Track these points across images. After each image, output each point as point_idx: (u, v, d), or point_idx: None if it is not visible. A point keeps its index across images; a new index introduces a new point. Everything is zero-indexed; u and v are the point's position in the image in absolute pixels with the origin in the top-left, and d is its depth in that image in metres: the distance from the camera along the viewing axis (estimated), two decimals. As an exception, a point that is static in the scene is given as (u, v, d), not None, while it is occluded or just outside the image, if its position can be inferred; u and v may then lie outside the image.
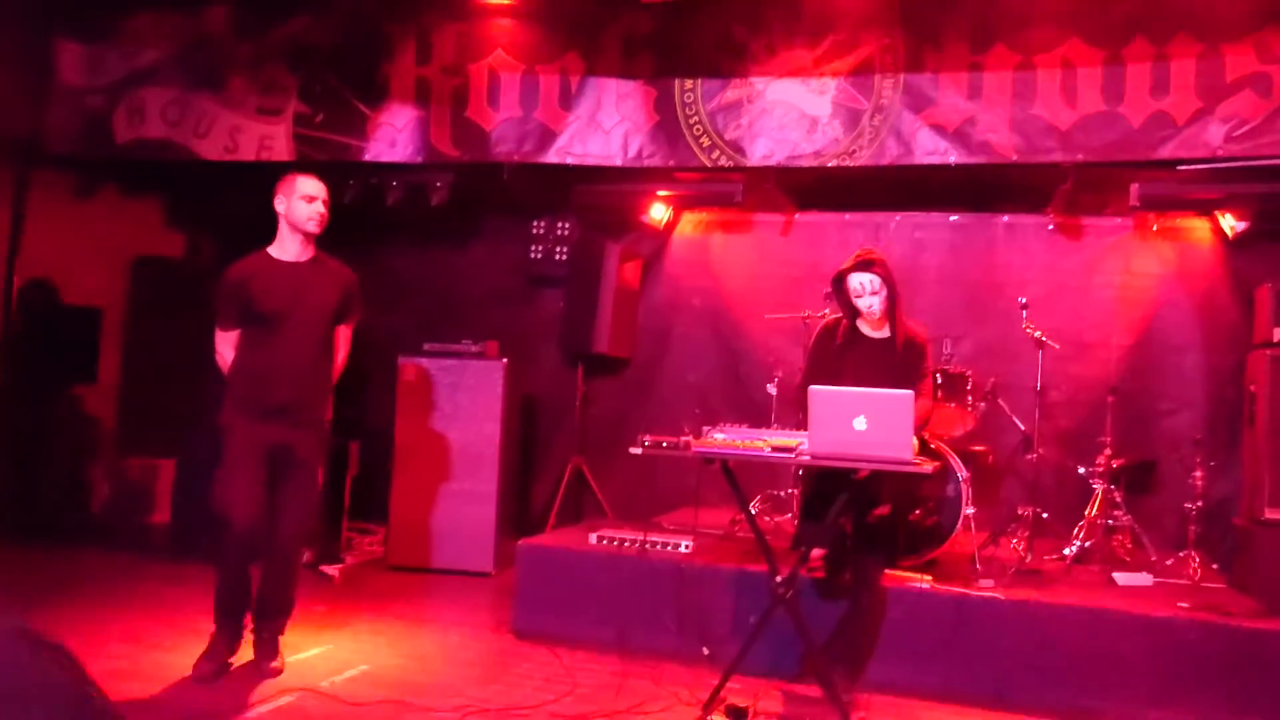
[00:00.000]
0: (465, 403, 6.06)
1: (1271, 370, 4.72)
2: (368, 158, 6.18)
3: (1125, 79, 5.13)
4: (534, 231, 6.99)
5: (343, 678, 4.05)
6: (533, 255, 6.99)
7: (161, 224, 7.63)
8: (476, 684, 4.06)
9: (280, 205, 4.10)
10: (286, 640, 4.18)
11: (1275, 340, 4.75)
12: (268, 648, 4.08)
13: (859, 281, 4.07)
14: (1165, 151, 5.07)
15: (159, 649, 4.26)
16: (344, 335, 4.39)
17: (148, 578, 5.50)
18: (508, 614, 4.90)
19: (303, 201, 4.09)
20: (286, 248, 4.14)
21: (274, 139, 6.19)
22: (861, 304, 4.10)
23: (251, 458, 3.99)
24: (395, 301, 7.12)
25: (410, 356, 6.17)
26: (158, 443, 6.82)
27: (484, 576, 5.92)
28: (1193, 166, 5.12)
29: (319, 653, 4.37)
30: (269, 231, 4.17)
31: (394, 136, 6.13)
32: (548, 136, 6.00)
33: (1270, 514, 4.63)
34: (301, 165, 6.25)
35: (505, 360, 6.10)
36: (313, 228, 4.13)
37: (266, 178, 4.28)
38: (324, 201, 4.17)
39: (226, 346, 4.13)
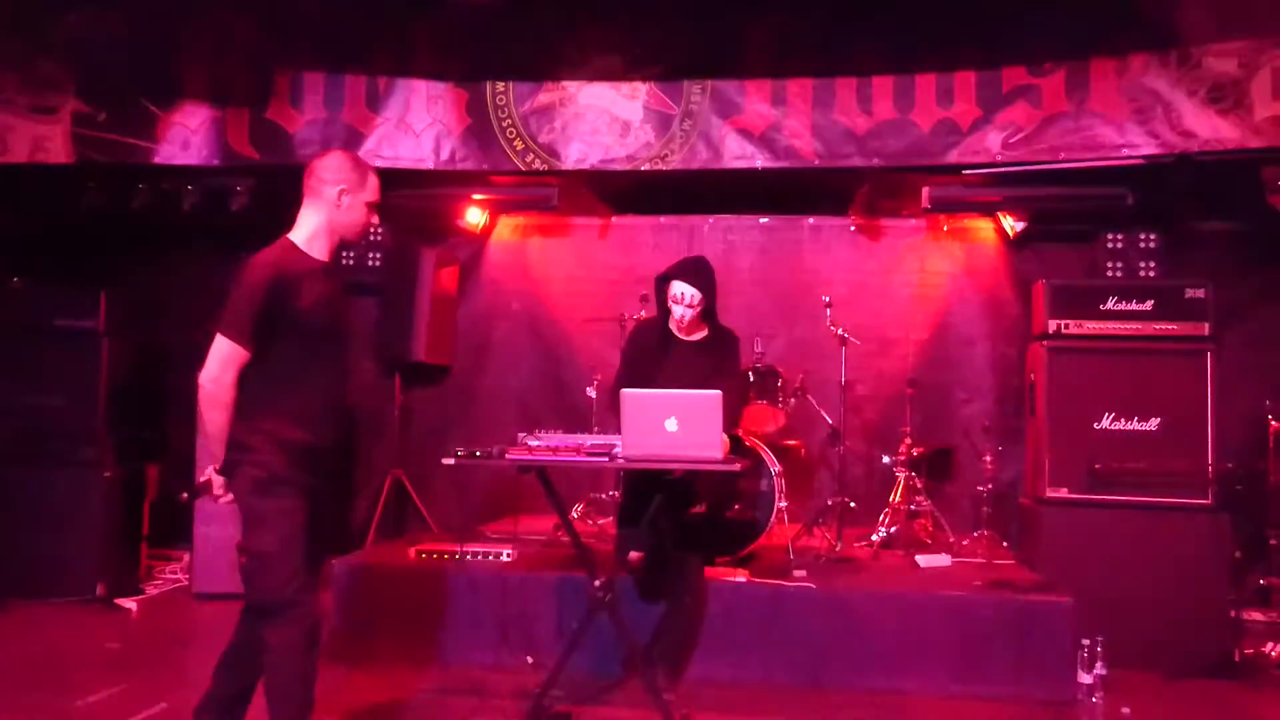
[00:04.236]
0: (274, 418, 5.76)
1: (1048, 360, 5.11)
2: (159, 160, 5.80)
3: (915, 88, 5.44)
4: (345, 237, 6.73)
5: (138, 718, 3.77)
6: (344, 262, 6.72)
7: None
8: (288, 713, 3.87)
9: (331, 194, 3.12)
10: (69, 682, 3.84)
11: (1050, 332, 5.13)
12: None
13: (680, 290, 4.13)
14: (952, 157, 5.41)
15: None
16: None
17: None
18: (325, 636, 4.69)
19: (367, 206, 3.20)
20: (318, 247, 3.15)
21: (50, 139, 5.72)
22: (676, 311, 4.16)
23: (303, 523, 3.06)
24: (194, 313, 6.65)
25: (213, 371, 5.81)
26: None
27: (300, 598, 5.65)
28: (975, 171, 5.48)
29: (111, 694, 4.06)
30: (54, 244, 3.64)
31: (187, 138, 5.78)
32: (355, 138, 5.80)
33: (1051, 493, 5.01)
34: (86, 169, 5.90)
35: (316, 372, 5.84)
36: (355, 239, 3.32)
37: (43, 182, 3.85)
38: None
39: (234, 372, 3.00)
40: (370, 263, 6.68)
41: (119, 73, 5.67)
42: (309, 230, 3.14)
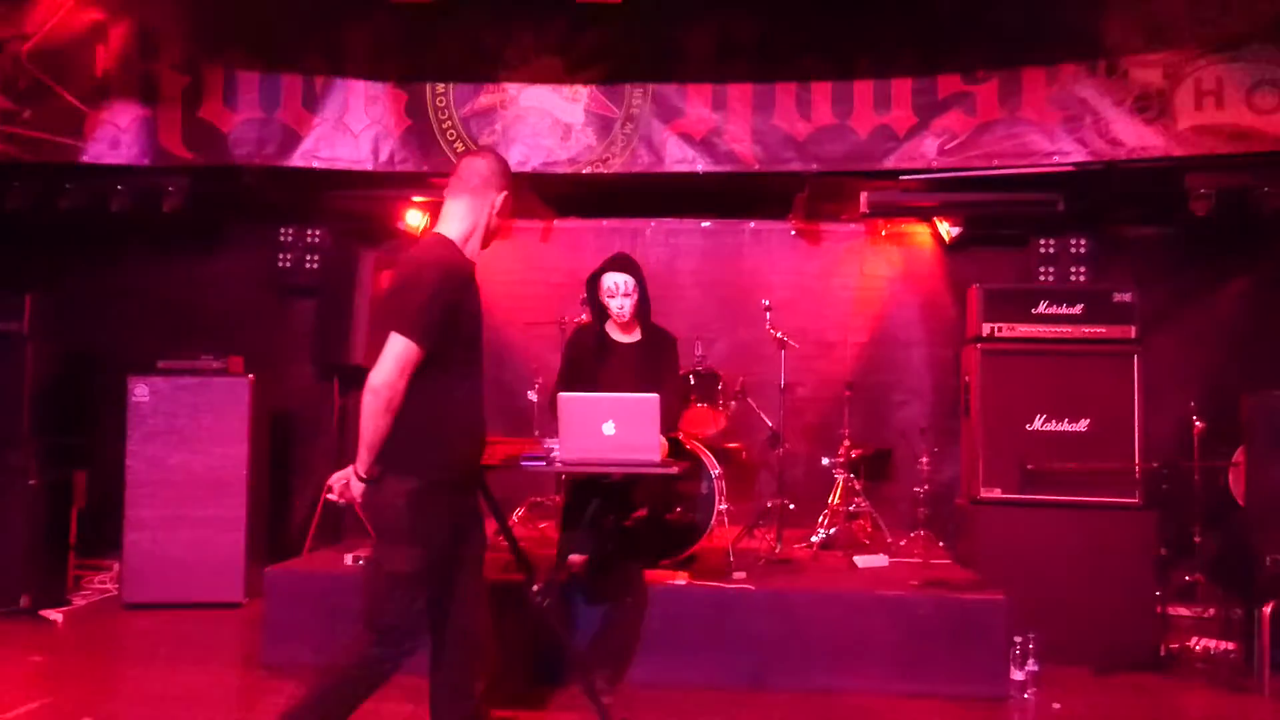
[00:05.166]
0: (208, 423, 5.66)
1: (981, 363, 5.21)
2: (87, 159, 5.67)
3: (853, 94, 5.51)
4: (282, 239, 6.62)
5: (62, 734, 3.68)
6: (281, 264, 6.62)
7: None
8: (219, 725, 3.80)
9: (494, 197, 3.02)
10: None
11: (984, 335, 5.23)
12: None
13: (613, 281, 4.14)
14: (889, 162, 5.50)
15: None
16: None
17: None
18: (259, 647, 4.61)
19: (508, 211, 3.11)
20: (471, 248, 3.01)
21: (-29, 137, 5.55)
22: (614, 304, 4.16)
23: (448, 544, 2.93)
24: (126, 317, 6.57)
25: (143, 375, 5.68)
26: None
27: (234, 607, 5.55)
28: (912, 176, 5.57)
29: (34, 709, 3.93)
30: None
31: (117, 136, 5.65)
32: (292, 139, 5.72)
33: (985, 493, 5.11)
34: (10, 167, 5.73)
35: (252, 376, 5.74)
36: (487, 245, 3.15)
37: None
38: None
39: (409, 375, 2.78)
40: (308, 265, 6.59)
41: (42, 68, 5.52)
42: (465, 229, 2.97)
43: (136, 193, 5.96)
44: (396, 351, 2.75)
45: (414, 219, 6.58)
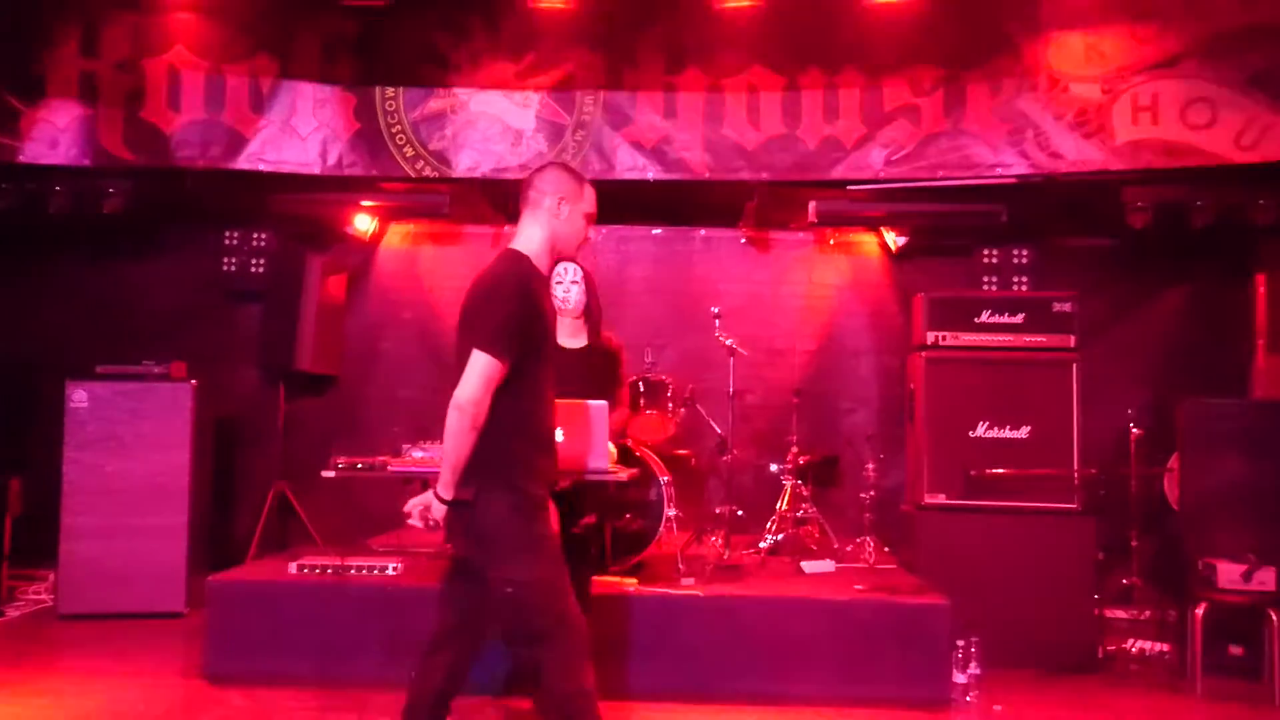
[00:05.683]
0: (149, 430, 5.54)
1: (926, 370, 5.28)
2: (24, 159, 5.56)
3: (802, 104, 5.58)
4: (227, 243, 6.54)
5: (-7, 749, 3.58)
6: (226, 268, 6.53)
7: None
8: (158, 738, 3.73)
9: (551, 204, 2.99)
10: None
11: (929, 343, 5.31)
12: None
13: (561, 267, 4.15)
14: (837, 172, 5.58)
15: None
16: None
17: None
18: (201, 657, 4.52)
19: (585, 217, 3.07)
20: (542, 261, 3.02)
21: (-99, 135, 5.40)
22: (559, 291, 4.16)
23: (560, 544, 2.98)
24: (65, 321, 6.43)
25: (81, 381, 5.55)
26: None
27: (176, 617, 5.44)
28: (859, 186, 5.65)
29: (-37, 724, 3.83)
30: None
31: (55, 136, 5.55)
32: (237, 141, 5.65)
33: (929, 499, 5.18)
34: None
35: (195, 382, 5.64)
36: (572, 253, 3.16)
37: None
38: None
39: (492, 392, 2.78)
40: (254, 269, 6.50)
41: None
42: (534, 243, 2.98)
43: (75, 194, 5.85)
44: (480, 369, 2.75)
45: (362, 223, 6.53)
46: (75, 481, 5.48)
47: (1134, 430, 5.35)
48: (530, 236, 3.00)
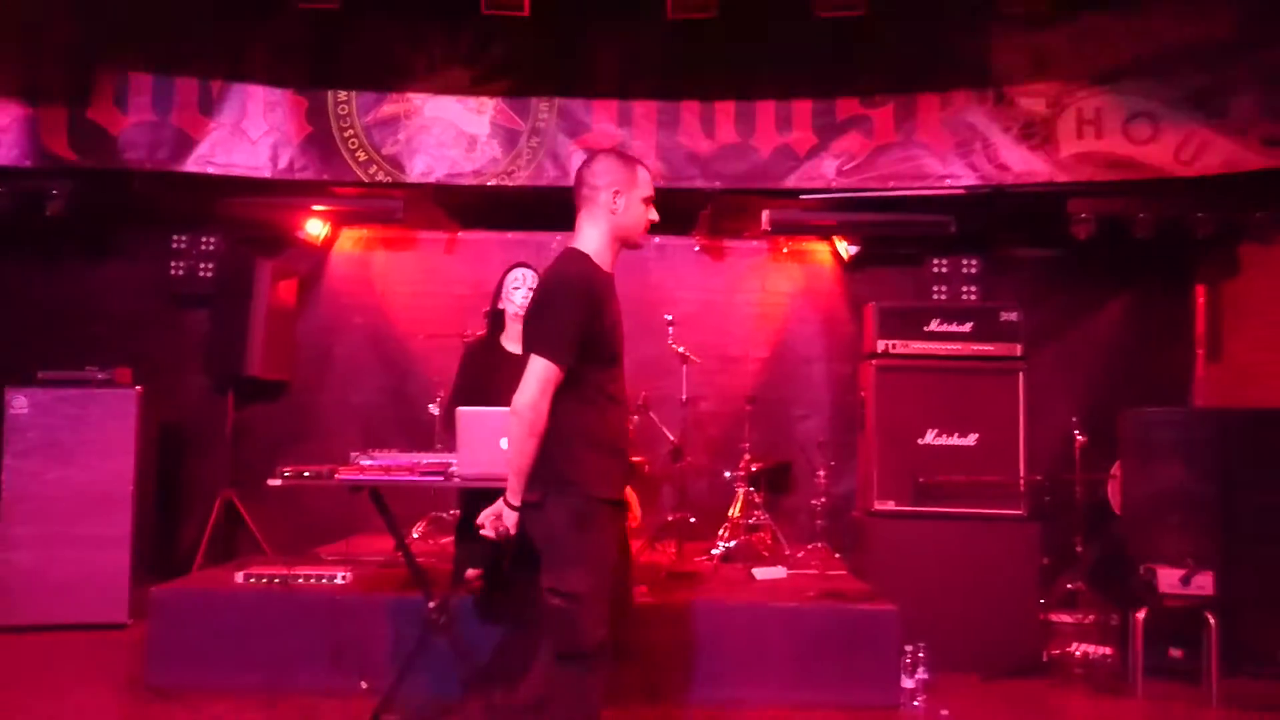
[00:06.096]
0: (91, 437, 5.43)
1: (876, 378, 5.34)
2: (-38, 160, 5.41)
3: (755, 114, 5.62)
4: (175, 247, 6.43)
5: (-77, 766, 3.47)
6: (174, 272, 6.42)
7: None
8: (97, 752, 3.64)
9: (606, 198, 2.91)
10: None
11: (879, 351, 5.37)
12: None
13: (519, 273, 4.18)
14: (790, 181, 5.62)
15: None
16: None
17: None
18: (144, 669, 4.43)
19: (643, 203, 2.97)
20: (605, 258, 2.94)
21: None
22: (517, 296, 4.16)
23: (614, 558, 2.90)
24: (5, 326, 6.27)
25: (21, 387, 5.43)
26: None
27: (119, 629, 5.33)
28: (812, 196, 5.70)
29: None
30: None
31: (-5, 136, 5.41)
32: (186, 144, 5.57)
33: (879, 505, 5.23)
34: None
35: (140, 388, 5.54)
36: (636, 241, 3.03)
37: None
38: None
39: (551, 396, 2.77)
40: (202, 273, 6.40)
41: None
42: (595, 241, 2.91)
43: (17, 195, 5.70)
44: (539, 373, 2.74)
45: (314, 228, 6.46)
46: (14, 489, 5.35)
47: (1078, 437, 5.46)
48: (589, 235, 2.93)
